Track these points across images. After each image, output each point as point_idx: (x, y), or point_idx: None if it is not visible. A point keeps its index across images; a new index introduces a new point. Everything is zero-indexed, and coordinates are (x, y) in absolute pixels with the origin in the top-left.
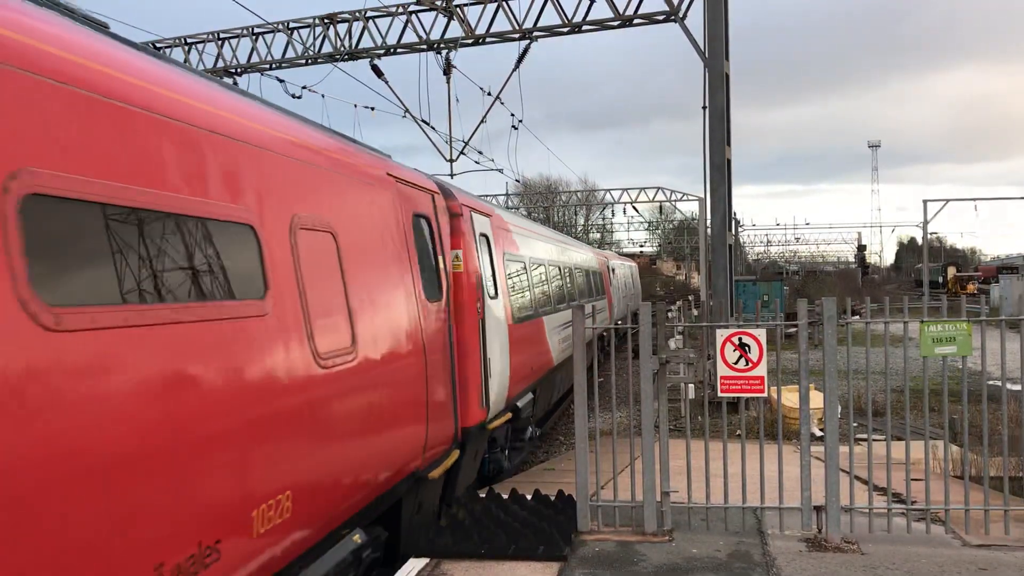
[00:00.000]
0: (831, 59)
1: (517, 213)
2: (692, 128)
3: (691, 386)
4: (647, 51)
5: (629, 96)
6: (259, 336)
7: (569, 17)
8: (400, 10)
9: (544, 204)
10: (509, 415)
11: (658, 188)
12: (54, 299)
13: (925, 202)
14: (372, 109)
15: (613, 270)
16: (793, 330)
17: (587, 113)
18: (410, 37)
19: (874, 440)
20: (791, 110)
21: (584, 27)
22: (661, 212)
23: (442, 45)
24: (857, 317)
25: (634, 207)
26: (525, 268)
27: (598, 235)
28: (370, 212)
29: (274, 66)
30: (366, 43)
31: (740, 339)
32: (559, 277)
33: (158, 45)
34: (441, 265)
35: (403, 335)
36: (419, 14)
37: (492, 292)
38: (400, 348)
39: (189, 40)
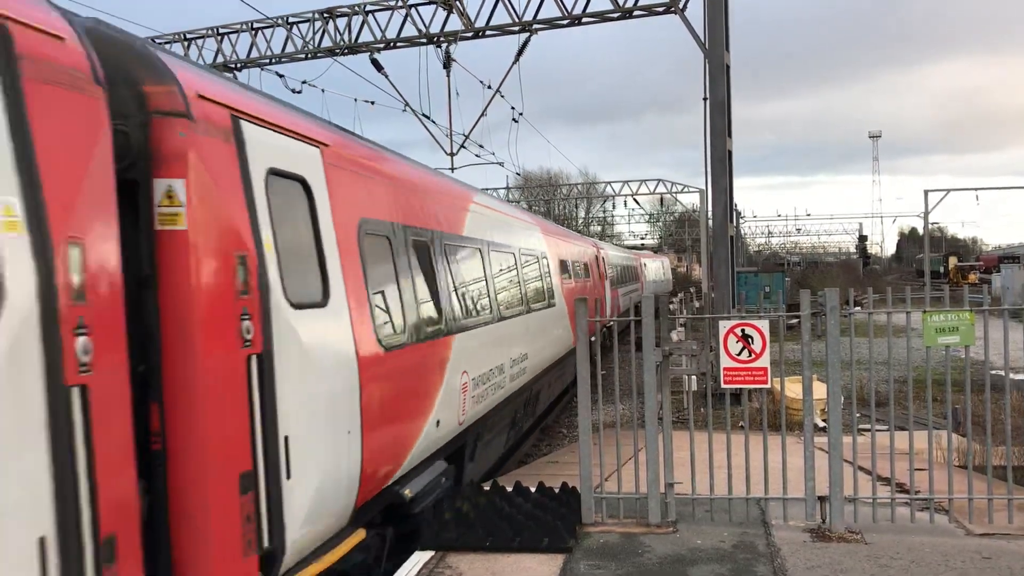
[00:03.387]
0: (825, 51)
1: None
2: (686, 121)
3: (694, 378)
4: (638, 44)
5: (621, 89)
6: (589, 284)
7: (569, 9)
8: (399, 3)
9: (544, 197)
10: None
11: (659, 180)
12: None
13: (926, 192)
14: (372, 103)
15: (644, 264)
16: (795, 321)
17: (579, 106)
18: (409, 31)
19: (877, 431)
20: (787, 102)
21: (584, 19)
22: (662, 204)
23: (442, 38)
24: (859, 308)
25: (635, 199)
26: (612, 267)
27: (599, 228)
28: (595, 256)
29: (274, 61)
30: (365, 37)
31: (743, 330)
32: (619, 269)
33: (157, 40)
34: (600, 270)
35: (598, 292)
36: (418, 7)
37: (607, 277)
38: (598, 295)
39: (188, 35)
